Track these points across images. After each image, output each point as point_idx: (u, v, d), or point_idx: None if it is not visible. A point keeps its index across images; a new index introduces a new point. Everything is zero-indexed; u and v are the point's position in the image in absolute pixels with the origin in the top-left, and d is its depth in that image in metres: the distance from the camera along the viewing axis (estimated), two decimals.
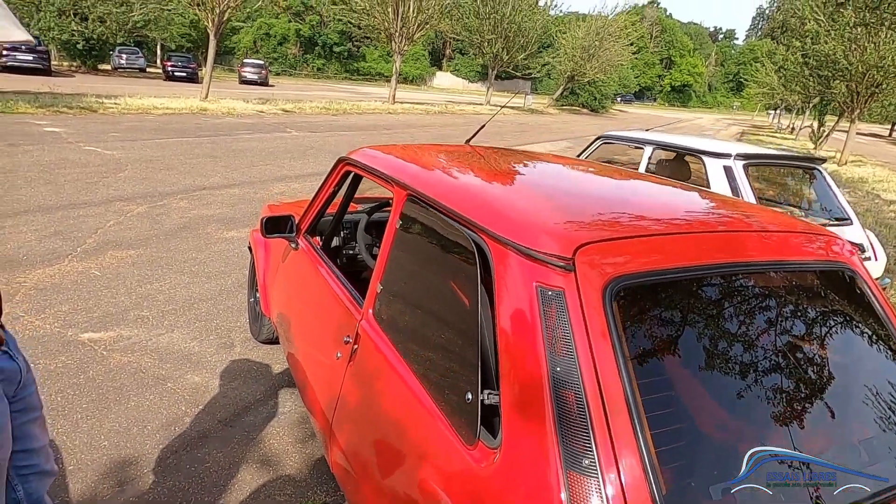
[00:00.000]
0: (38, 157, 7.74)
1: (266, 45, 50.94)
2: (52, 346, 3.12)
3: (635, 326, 1.16)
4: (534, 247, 1.21)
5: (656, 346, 1.19)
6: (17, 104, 12.01)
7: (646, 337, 1.18)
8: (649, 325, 1.20)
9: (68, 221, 5.20)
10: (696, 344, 1.27)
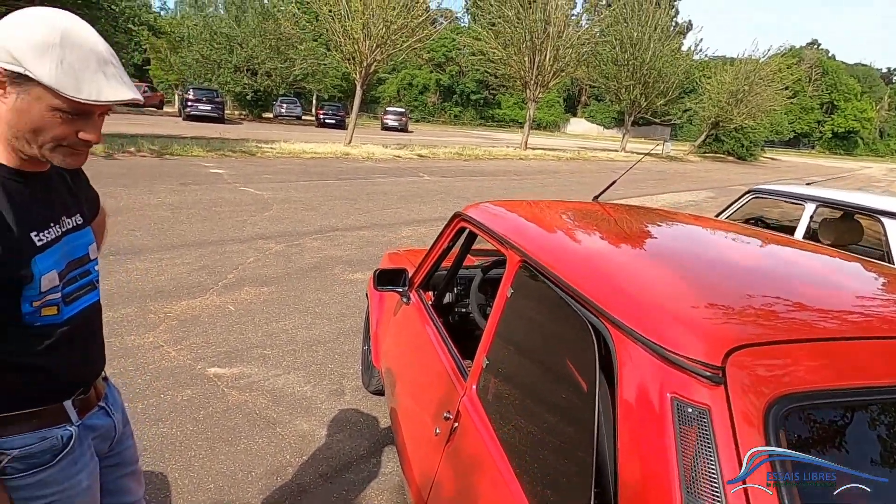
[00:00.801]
0: (201, 195, 8.65)
1: (408, 94, 54.17)
2: (181, 378, 3.30)
3: (811, 469, 0.87)
4: (668, 345, 0.97)
5: (843, 499, 0.88)
6: (192, 148, 13.68)
7: (825, 484, 0.88)
8: (831, 467, 0.90)
9: (215, 256, 5.65)
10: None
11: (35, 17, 0.96)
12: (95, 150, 11.76)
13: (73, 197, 1.22)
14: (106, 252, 5.37)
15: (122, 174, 9.86)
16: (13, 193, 1.02)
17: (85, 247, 1.21)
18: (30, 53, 0.93)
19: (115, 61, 1.01)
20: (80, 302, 1.18)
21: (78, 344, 1.17)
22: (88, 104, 0.97)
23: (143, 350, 3.59)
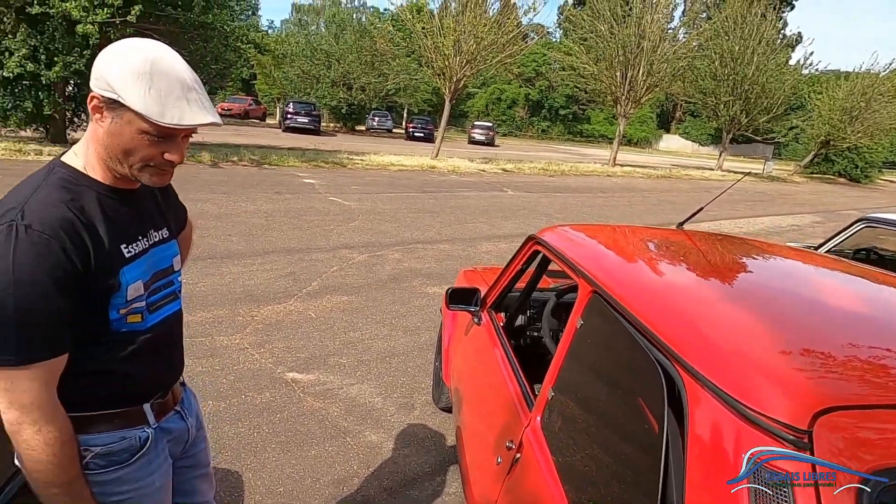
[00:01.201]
0: (294, 204, 9.09)
1: (496, 109, 54.42)
2: (262, 381, 3.45)
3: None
4: (747, 401, 0.89)
5: None
6: (288, 158, 14.42)
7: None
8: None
9: (302, 264, 5.90)
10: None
11: (129, 47, 1.04)
12: (203, 159, 12.69)
13: (161, 212, 1.30)
14: (204, 255, 5.76)
15: (224, 182, 10.55)
16: (107, 209, 1.11)
17: (170, 258, 1.29)
18: (122, 82, 1.01)
19: (199, 88, 1.08)
20: (163, 310, 1.26)
21: (159, 350, 1.24)
22: (171, 128, 1.04)
23: (229, 350, 3.80)
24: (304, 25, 35.61)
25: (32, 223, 0.99)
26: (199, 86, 1.08)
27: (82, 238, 1.04)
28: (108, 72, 1.02)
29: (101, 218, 1.09)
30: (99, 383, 1.14)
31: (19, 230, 0.97)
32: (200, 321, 4.21)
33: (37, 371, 1.01)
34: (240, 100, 38.03)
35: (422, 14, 18.42)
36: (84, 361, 1.10)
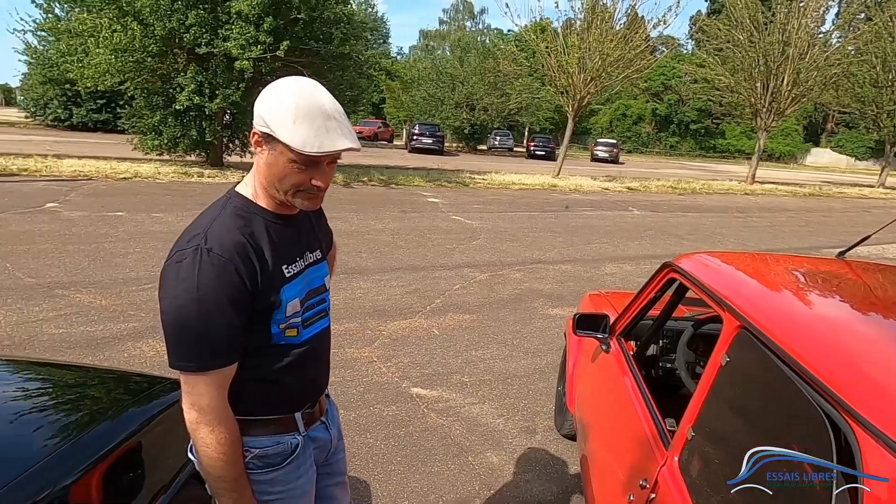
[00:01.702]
0: (418, 223, 9.42)
1: (621, 125, 52.74)
2: (388, 394, 3.59)
3: None
4: None
5: None
6: (413, 178, 15.01)
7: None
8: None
9: (426, 281, 6.08)
10: None
11: (280, 86, 1.17)
12: (336, 180, 13.56)
13: (316, 235, 1.42)
14: (337, 271, 6.10)
15: (355, 201, 11.20)
16: (272, 233, 1.24)
17: (321, 278, 1.41)
18: (273, 118, 1.14)
19: (339, 116, 1.17)
20: (315, 326, 1.37)
21: (310, 363, 1.35)
22: (314, 156, 1.14)
23: (359, 363, 4.00)
24: (430, 50, 37.18)
25: (213, 247, 1.13)
26: (339, 114, 1.17)
27: (252, 260, 1.17)
28: (263, 110, 1.16)
29: (267, 241, 1.22)
30: (260, 391, 1.27)
31: (203, 253, 1.12)
32: (334, 333, 4.43)
33: (213, 377, 1.14)
34: (370, 123, 40.28)
35: (545, 33, 18.41)
36: (249, 370, 1.23)
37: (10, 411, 1.62)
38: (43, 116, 26.61)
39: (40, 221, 7.30)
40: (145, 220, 7.78)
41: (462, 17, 58.10)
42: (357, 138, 1.20)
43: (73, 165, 11.92)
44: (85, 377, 2.09)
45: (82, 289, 4.96)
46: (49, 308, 4.48)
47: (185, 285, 1.10)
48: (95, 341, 3.98)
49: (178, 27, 11.46)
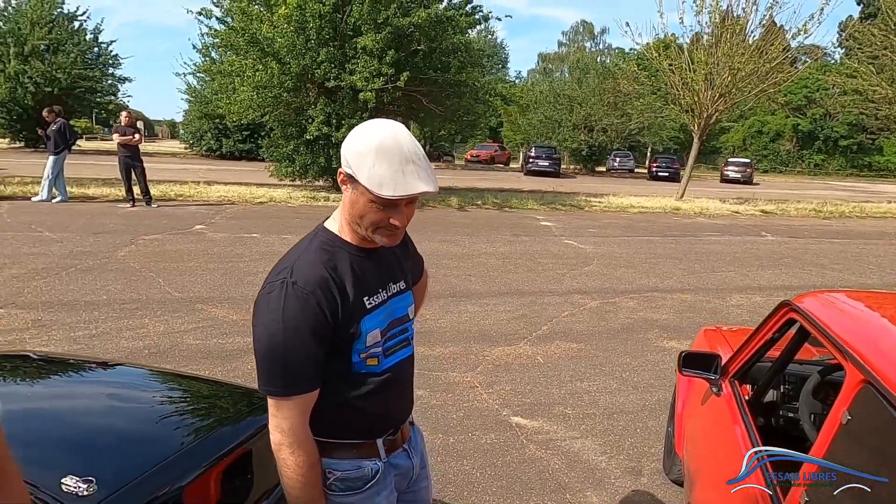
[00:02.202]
0: (529, 246, 9.35)
1: (756, 143, 48.90)
2: (488, 421, 3.56)
3: None
4: None
5: None
6: (527, 201, 14.96)
7: None
8: None
9: (533, 307, 6.00)
10: None
11: (364, 129, 1.23)
12: (451, 203, 13.87)
13: (400, 266, 1.46)
14: (446, 294, 6.24)
15: (468, 224, 11.37)
16: (355, 266, 1.30)
17: (405, 308, 1.44)
18: (355, 160, 1.20)
19: (417, 159, 1.21)
20: (397, 355, 1.40)
21: (392, 391, 1.39)
22: (389, 199, 1.17)
23: (461, 387, 4.02)
24: (548, 73, 37.09)
25: (298, 280, 1.21)
26: (417, 157, 1.20)
27: (333, 293, 1.23)
28: (348, 151, 1.22)
29: (350, 274, 1.28)
30: (341, 416, 1.32)
31: (288, 286, 1.20)
32: (438, 356, 4.55)
33: (295, 402, 1.21)
34: (487, 146, 40.89)
35: (669, 50, 17.66)
36: (331, 396, 1.28)
37: (157, 413, 1.97)
38: (199, 147, 30.03)
39: (189, 242, 8.20)
40: (275, 242, 8.45)
41: (581, 39, 57.46)
42: (435, 181, 1.23)
43: (220, 191, 13.29)
44: (218, 390, 2.36)
45: (218, 304, 5.48)
46: (189, 321, 4.99)
47: (273, 316, 1.18)
48: (226, 353, 4.36)
49: (310, 64, 12.46)
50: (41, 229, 8.34)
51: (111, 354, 4.19)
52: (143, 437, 1.81)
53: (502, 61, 54.71)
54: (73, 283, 5.85)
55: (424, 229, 10.14)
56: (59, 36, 25.26)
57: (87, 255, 6.97)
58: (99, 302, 5.34)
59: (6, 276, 5.90)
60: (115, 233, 8.45)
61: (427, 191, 1.20)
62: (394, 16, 12.43)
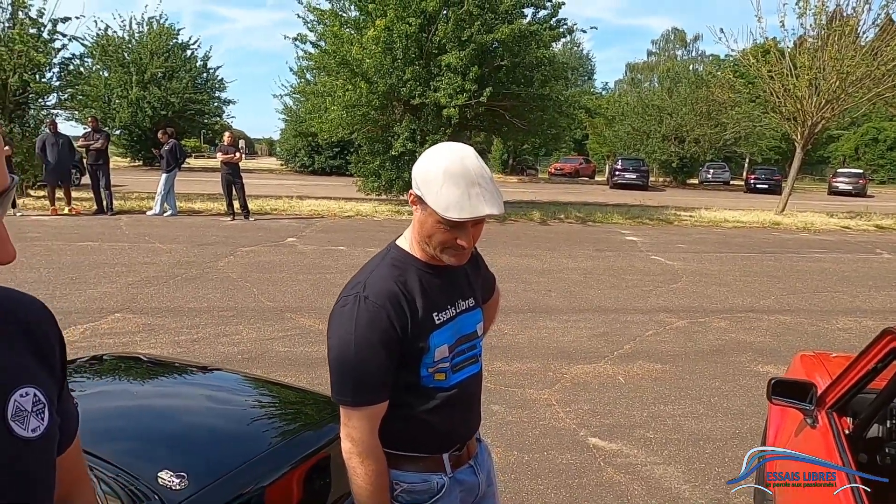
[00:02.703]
0: (613, 262, 9.10)
1: (870, 152, 44.85)
2: (564, 440, 3.50)
3: None
4: None
5: None
6: (612, 215, 14.56)
7: None
8: None
9: (615, 325, 5.83)
10: None
11: (433, 152, 1.28)
12: (533, 217, 13.77)
13: (469, 283, 1.49)
14: (525, 309, 6.20)
15: (550, 238, 11.24)
16: (424, 282, 1.34)
17: (474, 325, 1.47)
18: (423, 182, 1.26)
19: (484, 181, 1.24)
20: (464, 371, 1.43)
21: (459, 407, 1.41)
22: (455, 220, 1.21)
23: (538, 405, 3.98)
24: (636, 83, 36.03)
25: (370, 295, 1.27)
26: (484, 180, 1.24)
27: (403, 308, 1.28)
28: (417, 173, 1.28)
29: (419, 290, 1.32)
30: (408, 429, 1.36)
31: (360, 300, 1.26)
32: (515, 372, 4.53)
33: (365, 412, 1.27)
34: (571, 160, 40.24)
35: (768, 56, 16.66)
36: (399, 409, 1.33)
37: (247, 416, 2.14)
38: (293, 164, 31.75)
39: (281, 253, 8.67)
40: (360, 254, 8.76)
41: (672, 47, 55.46)
42: (502, 203, 1.26)
43: (311, 205, 13.97)
44: (303, 397, 2.51)
45: (305, 313, 5.75)
46: (279, 329, 5.28)
47: (345, 328, 1.25)
48: (311, 361, 4.57)
49: (396, 82, 12.87)
50: (153, 241, 9.13)
51: (209, 358, 4.51)
52: (233, 437, 1.96)
53: (588, 73, 53.83)
54: (179, 291, 6.35)
55: (505, 243, 10.14)
56: (173, 64, 27.69)
57: (191, 265, 7.56)
58: (200, 309, 5.77)
59: (123, 284, 6.50)
60: (216, 244, 9.09)
61: (492, 213, 1.23)
62: (477, 33, 12.61)
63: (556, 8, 13.89)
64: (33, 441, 0.65)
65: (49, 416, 0.68)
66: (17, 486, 0.63)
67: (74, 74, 14.77)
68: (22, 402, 0.65)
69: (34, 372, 0.68)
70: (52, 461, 0.70)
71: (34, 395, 0.66)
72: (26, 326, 0.69)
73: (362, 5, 13.31)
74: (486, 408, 3.71)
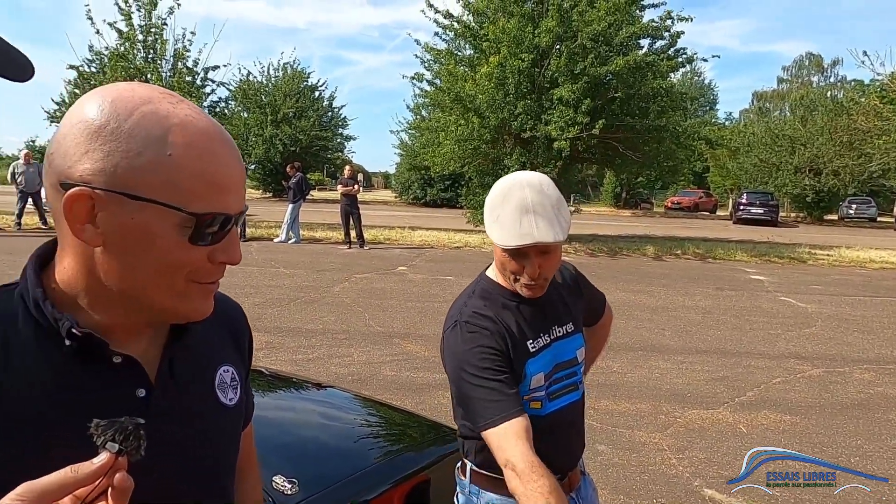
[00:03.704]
0: (735, 302, 8.46)
1: None
2: (676, 490, 3.27)
3: None
4: None
5: None
6: (735, 252, 13.60)
7: None
8: None
9: (737, 369, 5.40)
10: None
11: (499, 182, 1.32)
12: (646, 252, 13.22)
13: (567, 309, 1.47)
14: (636, 346, 5.94)
15: (665, 275, 10.70)
16: (514, 310, 1.36)
17: (572, 351, 1.44)
18: (487, 214, 1.31)
19: (541, 209, 1.24)
20: (562, 399, 1.41)
21: (557, 435, 1.39)
22: (513, 248, 1.23)
23: (647, 448, 3.76)
24: (764, 112, 33.71)
25: (468, 320, 1.31)
26: (541, 208, 1.23)
27: (499, 336, 1.30)
28: (485, 205, 1.33)
29: (511, 319, 1.34)
30: None
31: (460, 326, 1.31)
32: (623, 412, 4.33)
33: (508, 430, 1.19)
34: (690, 193, 38.28)
35: None
36: None
37: (355, 433, 2.24)
38: (406, 196, 33.07)
39: (392, 281, 9.00)
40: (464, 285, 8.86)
41: (807, 73, 51.48)
42: (560, 231, 1.23)
43: (422, 236, 14.42)
44: (409, 419, 2.59)
45: (413, 340, 5.91)
46: (387, 353, 5.46)
47: (454, 354, 1.30)
48: (416, 386, 4.67)
49: (508, 117, 13.08)
50: (278, 266, 9.87)
51: (322, 378, 4.75)
52: (341, 451, 2.06)
53: (710, 103, 51.25)
54: (298, 313, 6.79)
55: (614, 278, 9.81)
56: (303, 104, 30.17)
57: (310, 290, 8.06)
58: (316, 330, 6.12)
59: (251, 304, 7.07)
60: (333, 271, 9.64)
61: (545, 241, 1.22)
62: (591, 66, 12.54)
63: (675, 38, 13.50)
64: (230, 408, 0.80)
65: (240, 391, 0.82)
66: (220, 441, 0.78)
67: (220, 115, 16.59)
68: (224, 376, 0.80)
69: (233, 355, 0.84)
70: (240, 429, 0.85)
71: (232, 372, 0.82)
72: (230, 321, 0.86)
73: (477, 44, 13.77)
74: (591, 447, 3.58)
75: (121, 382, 0.66)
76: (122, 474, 0.52)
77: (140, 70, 14.59)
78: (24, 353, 0.63)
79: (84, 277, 0.64)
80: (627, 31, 12.92)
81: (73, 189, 0.59)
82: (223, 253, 0.66)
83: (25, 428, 0.61)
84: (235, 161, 0.65)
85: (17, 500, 0.49)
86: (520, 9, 13.07)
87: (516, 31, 12.57)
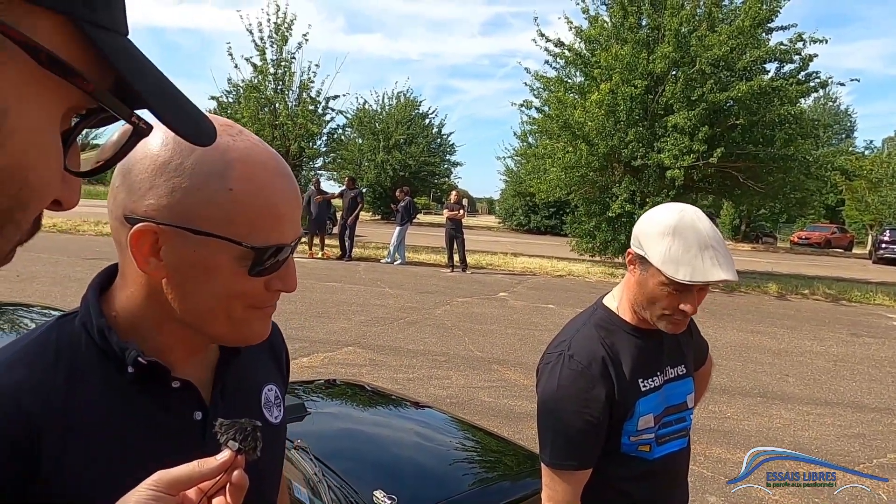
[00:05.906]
0: (874, 350, 7.57)
1: None
2: None
3: None
4: None
5: None
6: (875, 295, 12.20)
7: None
8: None
9: (876, 426, 4.80)
10: None
11: (660, 212, 1.24)
12: (768, 290, 12.22)
13: (681, 350, 1.40)
14: (753, 392, 5.48)
15: (789, 315, 9.82)
16: (631, 346, 1.29)
17: (683, 395, 1.37)
18: (649, 241, 1.21)
19: (717, 245, 1.16)
20: (671, 445, 1.33)
21: (662, 482, 1.31)
22: (685, 283, 1.14)
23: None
24: None
25: (574, 354, 1.26)
26: (717, 242, 1.16)
27: (608, 371, 1.24)
28: (640, 232, 1.24)
29: (626, 354, 1.28)
30: (603, 495, 1.29)
31: (564, 359, 1.26)
32: (738, 462, 3.96)
33: (566, 476, 1.22)
34: (821, 228, 34.98)
35: None
36: (598, 474, 1.27)
37: (451, 456, 2.25)
38: (510, 222, 33.11)
39: (492, 307, 9.00)
40: (569, 314, 8.53)
41: None
42: (734, 269, 1.18)
43: (524, 262, 14.32)
44: (505, 447, 2.56)
45: (511, 367, 5.85)
46: (485, 379, 5.44)
47: (549, 386, 1.26)
48: (514, 414, 4.61)
49: (618, 144, 12.75)
50: (384, 286, 10.21)
51: (421, 398, 4.83)
52: (437, 472, 2.08)
53: (847, 130, 46.83)
54: (401, 333, 6.96)
55: (731, 316, 9.14)
56: (413, 131, 31.36)
57: (413, 310, 8.25)
58: (417, 351, 6.24)
59: (357, 321, 7.36)
60: (436, 293, 9.81)
61: (727, 279, 1.15)
62: (710, 91, 11.96)
63: (806, 61, 12.53)
64: (276, 426, 0.82)
65: (283, 408, 0.85)
66: (267, 458, 0.81)
67: (337, 142, 17.67)
68: (268, 395, 0.82)
69: (275, 374, 0.87)
70: (284, 446, 0.87)
71: (275, 390, 0.84)
72: (270, 339, 0.87)
73: (588, 71, 13.62)
74: (700, 497, 3.33)
75: (179, 406, 0.69)
76: (240, 472, 0.55)
77: (270, 100, 15.93)
78: (89, 381, 0.65)
79: (147, 307, 0.66)
80: (752, 56, 12.20)
81: (139, 224, 0.60)
82: (280, 281, 0.68)
83: (91, 453, 0.63)
84: (292, 191, 0.67)
85: (152, 487, 0.53)
86: (634, 35, 12.79)
87: (630, 58, 12.30)
